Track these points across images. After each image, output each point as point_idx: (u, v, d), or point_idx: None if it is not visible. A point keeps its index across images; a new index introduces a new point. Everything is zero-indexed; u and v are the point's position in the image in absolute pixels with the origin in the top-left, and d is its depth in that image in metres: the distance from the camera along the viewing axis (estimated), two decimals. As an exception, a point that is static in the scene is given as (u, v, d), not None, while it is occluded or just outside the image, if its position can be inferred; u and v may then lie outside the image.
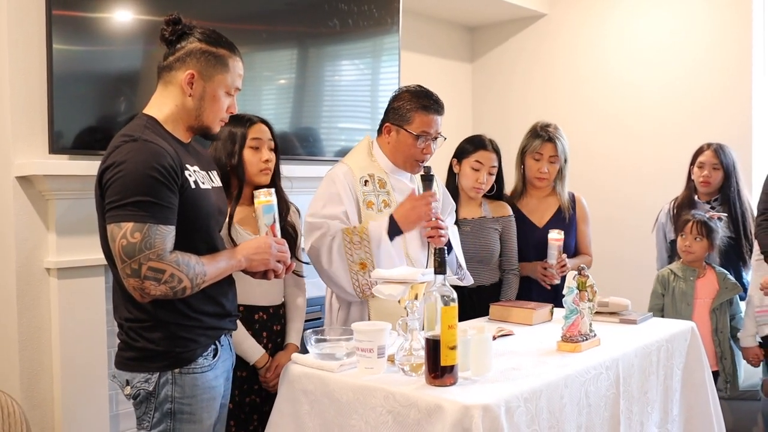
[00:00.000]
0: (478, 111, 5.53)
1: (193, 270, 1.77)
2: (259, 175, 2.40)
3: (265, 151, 2.40)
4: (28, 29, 2.67)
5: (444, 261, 1.81)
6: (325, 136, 3.77)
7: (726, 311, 3.11)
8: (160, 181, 1.74)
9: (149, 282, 1.72)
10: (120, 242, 1.71)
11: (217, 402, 1.96)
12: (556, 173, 3.08)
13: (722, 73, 4.45)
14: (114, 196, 1.73)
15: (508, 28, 5.36)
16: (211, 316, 1.91)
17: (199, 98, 1.89)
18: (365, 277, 2.35)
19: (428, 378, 1.78)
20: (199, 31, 1.91)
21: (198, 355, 1.88)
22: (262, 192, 2.00)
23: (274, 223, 2.00)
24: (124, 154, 1.75)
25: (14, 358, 2.69)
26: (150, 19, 2.90)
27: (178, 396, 1.86)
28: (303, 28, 3.60)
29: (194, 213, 1.84)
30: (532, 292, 3.01)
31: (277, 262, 1.97)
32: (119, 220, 1.72)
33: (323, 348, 2.01)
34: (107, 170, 1.77)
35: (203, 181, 1.90)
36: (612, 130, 4.89)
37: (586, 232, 3.19)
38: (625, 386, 2.14)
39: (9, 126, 2.65)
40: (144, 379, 1.85)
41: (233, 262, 1.90)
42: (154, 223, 1.72)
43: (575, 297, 2.18)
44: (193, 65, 1.87)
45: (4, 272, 2.71)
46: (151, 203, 1.72)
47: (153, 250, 1.71)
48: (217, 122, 1.95)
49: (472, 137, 3.02)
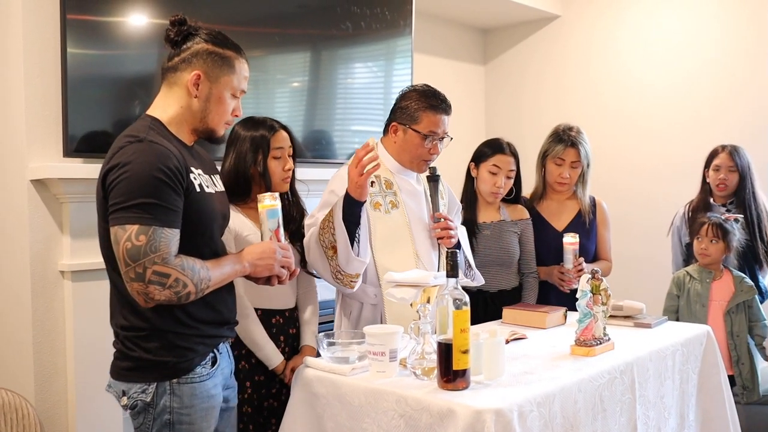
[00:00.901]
0: (491, 113, 5.52)
1: (198, 275, 1.74)
2: (281, 184, 2.39)
3: (287, 160, 2.40)
4: (42, 33, 2.69)
5: (456, 264, 1.80)
6: (338, 139, 3.77)
7: (743, 314, 3.08)
8: (166, 183, 1.70)
9: (154, 286, 1.67)
10: (125, 245, 1.67)
11: (216, 411, 1.91)
12: (577, 177, 3.04)
13: (736, 72, 4.42)
14: (118, 197, 1.69)
15: (521, 29, 5.34)
16: (209, 324, 1.87)
17: (205, 100, 1.85)
18: (336, 261, 2.26)
19: (440, 382, 1.77)
20: (205, 32, 1.88)
21: (196, 365, 1.84)
22: (266, 196, 1.95)
23: (279, 227, 1.95)
24: (129, 155, 1.71)
25: (28, 361, 2.70)
26: (164, 23, 2.90)
27: (177, 406, 1.81)
28: (316, 30, 3.60)
29: (199, 217, 1.81)
30: (551, 297, 2.99)
31: (282, 268, 1.92)
32: (124, 223, 1.68)
33: (335, 351, 2.01)
34: (111, 171, 1.72)
35: (207, 185, 1.87)
36: (626, 131, 4.86)
37: (607, 237, 3.14)
38: (640, 391, 2.12)
39: (23, 129, 2.66)
40: (141, 390, 1.80)
41: (238, 267, 1.86)
42: (159, 226, 1.68)
43: (589, 300, 2.16)
44: (200, 66, 1.83)
45: (19, 275, 2.72)
46: (157, 206, 1.68)
47: (158, 253, 1.67)
48: (222, 125, 1.91)
49: (490, 141, 3.00)
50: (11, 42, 2.69)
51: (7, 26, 2.70)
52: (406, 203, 2.48)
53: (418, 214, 2.51)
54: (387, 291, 2.01)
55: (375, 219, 2.41)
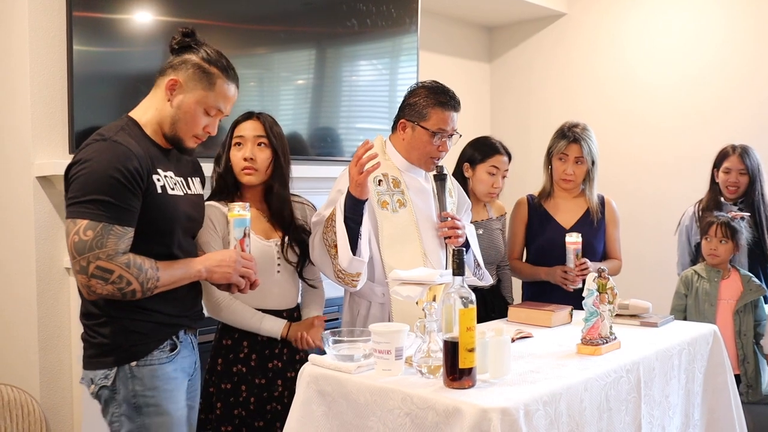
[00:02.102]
0: (496, 111, 5.50)
1: (144, 274, 1.78)
2: (241, 175, 2.32)
3: (249, 149, 2.31)
4: (48, 30, 2.69)
5: (462, 262, 1.79)
6: (344, 137, 3.77)
7: (750, 314, 3.07)
8: (122, 182, 1.75)
9: (96, 281, 1.73)
10: (72, 238, 1.73)
11: (181, 393, 1.96)
12: (583, 175, 3.02)
13: (742, 69, 4.40)
14: (74, 192, 1.76)
15: (526, 27, 5.33)
16: (165, 314, 1.92)
17: (177, 107, 1.90)
18: (338, 260, 2.26)
19: (446, 380, 1.77)
20: (204, 49, 1.93)
21: (153, 348, 1.89)
22: (237, 205, 2.00)
23: (245, 237, 1.99)
24: (91, 153, 1.78)
25: (34, 358, 2.71)
26: (170, 20, 2.91)
27: (140, 389, 1.87)
28: (321, 28, 3.60)
29: (159, 218, 1.85)
30: (554, 297, 2.98)
31: (241, 277, 1.97)
32: (75, 216, 1.74)
33: (341, 349, 2.00)
34: (73, 166, 1.79)
35: (173, 187, 1.91)
36: (632, 129, 4.85)
37: (616, 236, 3.10)
38: (646, 390, 2.11)
39: (29, 126, 2.67)
40: (104, 375, 1.87)
41: (192, 272, 1.91)
42: (109, 223, 1.74)
43: (595, 299, 2.16)
44: (181, 74, 1.89)
45: (25, 272, 2.73)
46: (110, 203, 1.74)
47: (103, 249, 1.72)
48: (190, 137, 1.94)
49: (483, 142, 3.03)
50: (17, 39, 2.69)
51: (13, 23, 2.71)
52: (414, 202, 2.46)
53: (426, 212, 2.49)
54: (393, 289, 2.00)
55: (382, 218, 2.39)
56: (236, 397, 2.30)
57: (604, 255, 3.09)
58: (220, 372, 2.33)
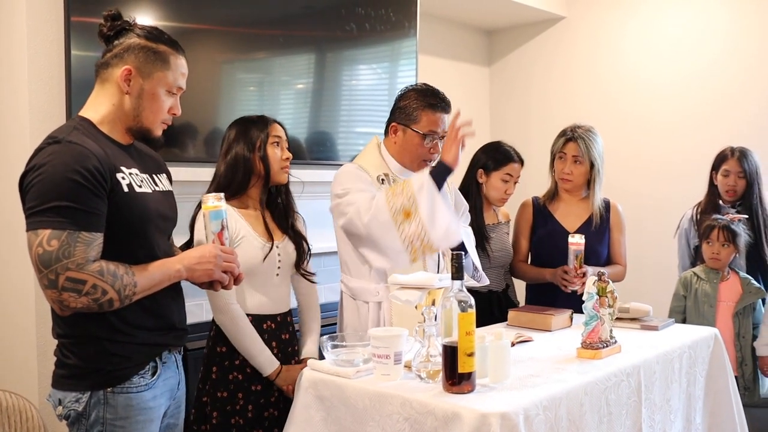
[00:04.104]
0: (495, 115, 5.50)
1: (120, 280, 1.64)
2: (280, 173, 2.34)
3: (285, 150, 2.36)
4: (46, 35, 2.69)
5: (461, 266, 1.79)
6: (343, 140, 3.77)
7: (749, 316, 3.07)
8: (83, 185, 1.61)
9: (68, 293, 1.58)
10: (36, 251, 1.58)
11: (155, 425, 1.82)
12: (582, 175, 3.01)
13: (742, 72, 4.40)
14: (32, 201, 1.61)
15: (525, 31, 5.33)
16: (150, 331, 1.78)
17: (137, 96, 1.77)
18: (412, 226, 2.20)
19: (445, 385, 1.76)
20: (140, 28, 1.80)
21: (132, 374, 1.74)
22: (210, 196, 1.86)
23: (223, 230, 1.85)
24: (45, 157, 1.63)
25: (32, 363, 2.70)
26: (168, 25, 2.91)
27: (110, 417, 1.71)
28: (320, 32, 3.60)
29: (129, 218, 1.71)
30: (558, 299, 2.97)
31: (224, 273, 1.83)
32: (36, 227, 1.59)
33: (340, 354, 2.00)
34: (27, 174, 1.65)
35: (140, 185, 1.77)
36: (632, 131, 4.84)
37: (621, 241, 3.07)
38: (646, 394, 2.10)
39: (27, 131, 2.67)
40: (75, 399, 1.71)
41: (171, 272, 1.76)
42: (74, 230, 1.59)
43: (595, 303, 2.15)
44: (131, 61, 1.75)
45: (22, 278, 2.72)
46: (72, 209, 1.59)
47: (72, 259, 1.58)
48: (158, 124, 1.82)
49: (497, 149, 3.04)
50: (16, 44, 2.69)
51: (11, 28, 2.71)
52: None
53: None
54: (391, 293, 2.00)
55: None
56: (233, 406, 2.26)
57: (608, 260, 3.06)
58: (215, 380, 2.28)
